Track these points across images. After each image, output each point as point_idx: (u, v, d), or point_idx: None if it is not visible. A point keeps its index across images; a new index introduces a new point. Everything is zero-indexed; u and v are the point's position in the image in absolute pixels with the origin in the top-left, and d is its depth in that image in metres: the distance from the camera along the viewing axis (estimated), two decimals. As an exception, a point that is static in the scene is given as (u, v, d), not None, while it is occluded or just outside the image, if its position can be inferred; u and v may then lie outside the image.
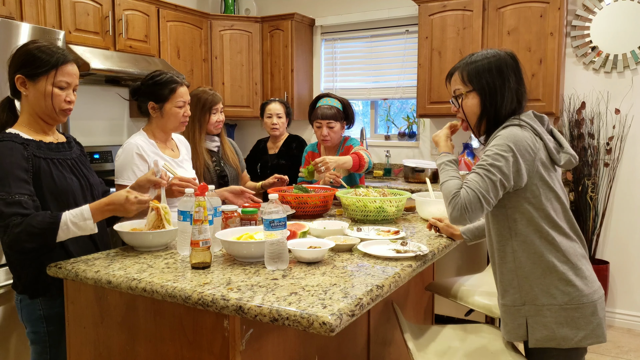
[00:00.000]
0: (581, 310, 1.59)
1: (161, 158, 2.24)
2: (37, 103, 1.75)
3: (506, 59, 1.71)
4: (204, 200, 1.60)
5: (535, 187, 1.61)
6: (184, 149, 2.44)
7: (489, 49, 1.76)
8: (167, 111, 2.25)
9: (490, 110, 1.70)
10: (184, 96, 2.27)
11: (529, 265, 1.62)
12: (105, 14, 3.64)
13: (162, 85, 2.24)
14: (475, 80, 1.70)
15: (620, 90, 3.73)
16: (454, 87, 1.78)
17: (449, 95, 1.81)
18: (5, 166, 1.63)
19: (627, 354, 3.34)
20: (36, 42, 1.76)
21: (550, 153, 1.66)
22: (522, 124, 1.64)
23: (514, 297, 1.65)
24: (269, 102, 3.62)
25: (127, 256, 1.76)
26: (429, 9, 3.99)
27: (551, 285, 1.60)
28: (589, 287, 1.62)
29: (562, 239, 1.62)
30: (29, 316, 1.79)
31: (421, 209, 2.41)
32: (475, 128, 1.76)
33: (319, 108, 3.02)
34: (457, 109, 1.78)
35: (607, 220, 3.81)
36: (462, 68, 1.74)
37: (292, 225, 1.94)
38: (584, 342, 1.59)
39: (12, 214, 1.59)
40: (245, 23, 4.70)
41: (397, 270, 1.59)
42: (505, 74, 1.69)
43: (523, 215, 1.62)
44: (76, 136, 2.11)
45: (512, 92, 1.69)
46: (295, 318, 1.23)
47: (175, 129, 2.32)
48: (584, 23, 3.79)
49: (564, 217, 1.66)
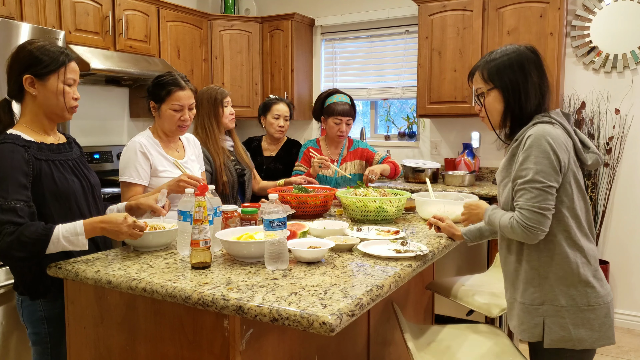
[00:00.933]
0: (597, 311, 1.58)
1: (164, 158, 2.26)
2: (47, 102, 1.75)
3: (527, 53, 1.69)
4: (204, 200, 1.60)
5: (569, 185, 1.58)
6: (192, 150, 2.43)
7: (509, 45, 1.73)
8: (163, 112, 2.25)
9: (515, 107, 1.66)
10: (181, 100, 2.23)
11: (553, 265, 1.59)
12: (105, 14, 3.64)
13: (161, 86, 2.25)
14: (496, 78, 1.68)
15: (620, 90, 3.73)
16: (476, 87, 1.75)
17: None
18: (5, 170, 1.63)
19: (627, 354, 3.34)
20: (36, 42, 1.76)
21: (578, 152, 1.63)
22: (553, 122, 1.61)
23: (533, 295, 1.62)
24: (275, 101, 3.36)
25: (127, 256, 1.76)
26: (429, 9, 3.99)
27: (572, 286, 1.58)
28: (605, 289, 1.61)
29: (585, 240, 1.61)
30: (29, 317, 1.79)
31: (421, 209, 2.41)
32: (499, 126, 1.72)
33: (335, 104, 3.06)
34: (480, 108, 1.75)
35: (607, 220, 3.81)
36: (482, 66, 1.72)
37: (292, 225, 1.94)
38: (597, 343, 1.58)
39: (6, 221, 1.58)
40: (245, 23, 4.70)
41: (397, 270, 1.59)
42: (526, 70, 1.66)
43: (554, 215, 1.57)
44: (76, 136, 2.11)
45: (535, 87, 1.65)
46: (295, 318, 1.23)
47: (171, 132, 2.29)
48: (583, 23, 3.79)
49: (586, 218, 1.64)
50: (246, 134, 5.36)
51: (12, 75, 1.75)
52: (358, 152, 3.22)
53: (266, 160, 3.38)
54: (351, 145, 3.24)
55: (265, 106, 3.36)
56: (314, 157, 2.94)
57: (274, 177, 3.22)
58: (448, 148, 4.38)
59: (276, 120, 3.31)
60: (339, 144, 3.19)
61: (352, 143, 3.26)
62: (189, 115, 2.28)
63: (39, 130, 1.78)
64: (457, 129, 4.30)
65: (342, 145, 3.20)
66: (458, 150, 4.30)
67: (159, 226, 1.92)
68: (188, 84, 2.28)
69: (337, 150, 3.19)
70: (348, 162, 3.18)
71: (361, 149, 3.24)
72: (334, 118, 3.06)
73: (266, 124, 3.36)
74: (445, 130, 4.37)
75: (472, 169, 4.06)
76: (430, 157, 4.45)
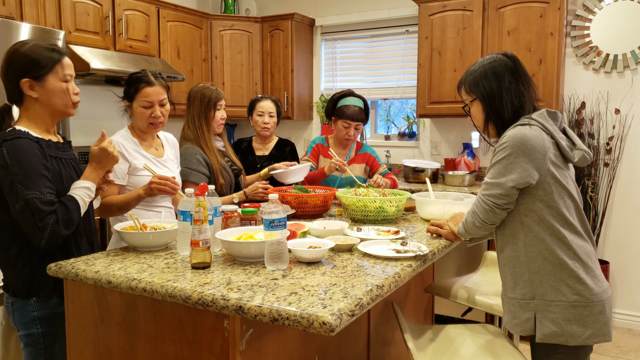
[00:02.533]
0: (590, 308, 1.61)
1: (143, 156, 2.21)
2: (50, 102, 1.75)
3: (502, 60, 1.76)
4: (204, 200, 1.60)
5: (547, 184, 1.63)
6: (171, 149, 2.38)
7: (487, 56, 1.83)
8: (134, 110, 2.20)
9: (493, 113, 1.75)
10: (150, 96, 2.16)
11: (540, 260, 1.64)
12: (105, 14, 3.64)
13: (129, 83, 2.20)
14: (475, 89, 1.78)
15: (620, 90, 3.73)
16: (463, 99, 1.86)
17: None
18: (31, 164, 1.65)
19: (627, 354, 3.34)
20: (26, 43, 1.74)
21: (563, 151, 1.68)
22: (531, 123, 1.67)
23: (524, 290, 1.66)
24: (259, 99, 3.29)
25: (127, 256, 1.76)
26: (429, 9, 3.99)
27: (561, 281, 1.62)
28: (599, 287, 1.63)
29: (573, 237, 1.64)
30: (21, 319, 1.77)
31: (421, 209, 2.41)
32: (484, 132, 1.81)
33: (347, 107, 3.02)
34: (470, 119, 1.87)
35: (607, 220, 3.81)
36: (464, 80, 1.83)
37: (292, 225, 1.94)
38: (591, 340, 1.61)
39: (48, 212, 1.63)
40: (245, 23, 4.70)
41: (397, 270, 1.59)
42: (500, 76, 1.74)
43: (534, 213, 1.65)
44: (76, 136, 2.12)
45: (510, 91, 1.72)
46: (295, 318, 1.23)
47: (144, 129, 2.23)
48: (584, 23, 3.79)
49: (577, 214, 1.68)
50: (246, 134, 5.37)
51: (8, 80, 1.73)
52: (365, 157, 3.19)
53: (259, 159, 3.30)
54: (360, 149, 3.21)
55: (250, 105, 3.31)
56: (332, 157, 2.94)
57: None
58: (448, 148, 4.38)
59: (260, 117, 3.23)
60: (346, 146, 3.17)
61: (361, 147, 3.22)
62: (160, 112, 2.19)
63: (42, 128, 1.78)
64: (457, 129, 4.30)
65: (350, 147, 3.18)
66: (458, 150, 4.30)
67: (159, 226, 1.92)
68: (159, 79, 2.20)
69: (345, 152, 3.17)
70: (355, 164, 3.15)
71: (369, 155, 3.20)
72: (344, 121, 3.03)
73: (252, 123, 3.30)
74: (445, 130, 4.37)
75: (472, 169, 4.06)
76: (430, 157, 4.45)
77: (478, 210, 1.73)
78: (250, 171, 3.23)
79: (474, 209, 1.76)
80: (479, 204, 1.73)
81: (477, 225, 1.75)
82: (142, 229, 1.86)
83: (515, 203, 1.68)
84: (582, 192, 3.74)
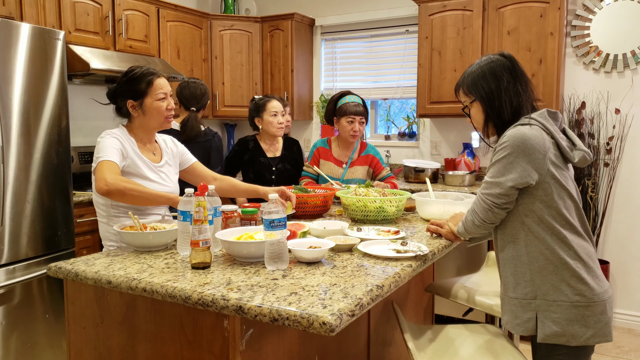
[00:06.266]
0: (592, 308, 1.60)
1: (139, 158, 2.11)
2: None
3: (499, 60, 1.77)
4: (204, 200, 1.60)
5: (547, 185, 1.63)
6: (168, 155, 2.26)
7: (484, 57, 1.83)
8: (148, 107, 2.10)
9: (493, 113, 1.75)
10: (163, 87, 2.11)
11: (542, 260, 1.64)
12: (105, 14, 3.64)
13: (137, 79, 2.10)
14: (473, 90, 1.79)
15: (620, 90, 3.73)
16: (462, 101, 1.86)
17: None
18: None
19: (628, 354, 3.34)
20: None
21: (563, 151, 1.67)
22: (531, 123, 1.67)
23: (525, 290, 1.66)
24: (268, 98, 3.19)
25: (127, 256, 1.76)
26: (429, 8, 3.99)
27: (563, 281, 1.61)
28: (600, 287, 1.63)
29: (573, 237, 1.64)
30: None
31: (421, 209, 2.41)
32: (484, 133, 1.81)
33: (347, 105, 3.07)
34: (470, 121, 1.87)
35: (607, 220, 3.81)
36: (462, 82, 1.83)
37: (292, 225, 1.94)
38: (592, 340, 1.60)
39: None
40: (245, 23, 4.70)
41: (397, 270, 1.59)
42: (498, 76, 1.74)
43: (534, 213, 1.65)
44: (76, 136, 2.12)
45: (509, 91, 1.73)
46: (295, 318, 1.23)
47: (159, 125, 2.16)
48: (584, 23, 3.79)
49: (577, 215, 1.68)
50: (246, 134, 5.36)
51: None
52: (369, 158, 3.16)
53: (273, 161, 3.23)
54: (363, 150, 3.17)
55: (257, 107, 3.19)
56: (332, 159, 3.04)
57: (285, 177, 3.18)
58: (448, 148, 4.38)
59: (274, 118, 3.15)
60: (350, 145, 3.14)
61: (365, 147, 3.18)
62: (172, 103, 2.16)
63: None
64: (457, 128, 4.30)
65: (354, 147, 3.15)
66: (458, 150, 4.30)
67: (159, 226, 1.92)
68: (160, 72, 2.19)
69: (348, 153, 3.15)
70: (357, 166, 3.12)
71: (372, 157, 3.16)
72: (347, 117, 3.03)
73: (263, 124, 3.19)
74: (446, 130, 4.37)
75: (472, 169, 4.06)
76: (431, 157, 4.45)
77: (477, 209, 1.73)
78: (264, 173, 3.18)
79: (474, 207, 1.76)
80: (478, 203, 1.73)
81: (477, 224, 1.75)
82: (142, 229, 1.87)
83: (515, 203, 1.68)
84: (582, 192, 3.74)
